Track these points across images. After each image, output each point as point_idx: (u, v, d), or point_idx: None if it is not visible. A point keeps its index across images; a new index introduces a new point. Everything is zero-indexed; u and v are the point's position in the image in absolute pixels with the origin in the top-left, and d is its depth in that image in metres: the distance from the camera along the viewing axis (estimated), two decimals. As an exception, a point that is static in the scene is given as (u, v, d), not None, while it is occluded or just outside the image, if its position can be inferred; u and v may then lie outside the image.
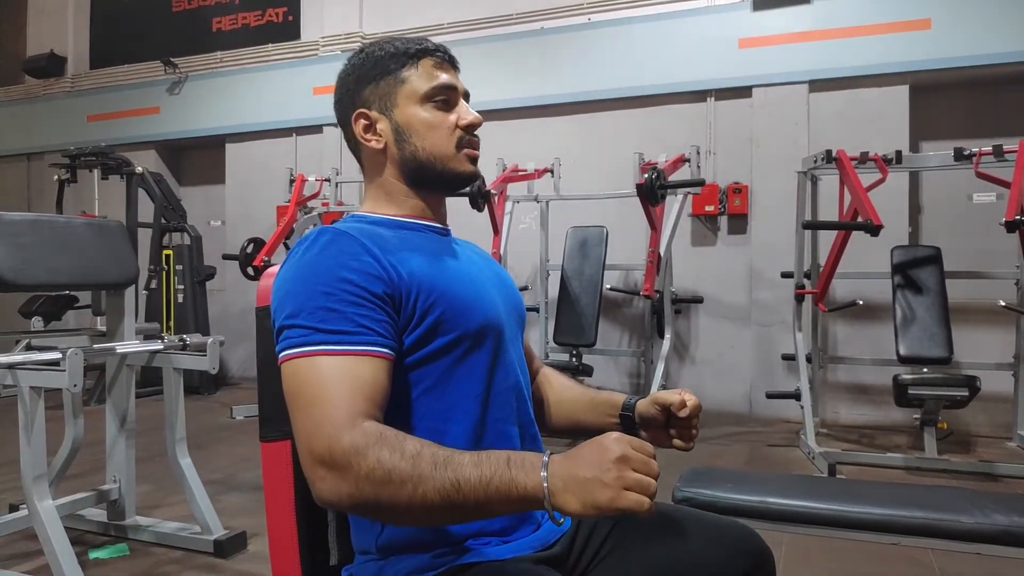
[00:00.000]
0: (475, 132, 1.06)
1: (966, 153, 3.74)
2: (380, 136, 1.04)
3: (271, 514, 1.02)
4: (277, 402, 1.02)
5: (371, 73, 1.03)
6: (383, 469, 0.79)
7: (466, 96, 1.07)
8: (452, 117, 1.04)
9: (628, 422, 1.15)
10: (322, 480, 0.82)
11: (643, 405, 1.13)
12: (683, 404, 1.08)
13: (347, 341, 0.87)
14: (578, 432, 1.22)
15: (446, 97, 1.04)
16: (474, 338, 0.98)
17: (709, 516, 1.14)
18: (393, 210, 1.06)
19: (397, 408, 0.94)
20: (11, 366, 2.19)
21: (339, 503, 0.83)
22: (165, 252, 6.03)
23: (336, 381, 0.84)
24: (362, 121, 1.04)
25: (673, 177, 4.48)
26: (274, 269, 1.04)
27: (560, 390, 1.24)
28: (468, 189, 3.85)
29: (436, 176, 1.05)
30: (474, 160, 1.06)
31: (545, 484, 0.77)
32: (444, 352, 0.96)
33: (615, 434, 0.80)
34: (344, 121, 1.08)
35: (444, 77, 1.04)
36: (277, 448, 1.01)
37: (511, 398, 1.03)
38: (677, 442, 1.10)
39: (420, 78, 1.02)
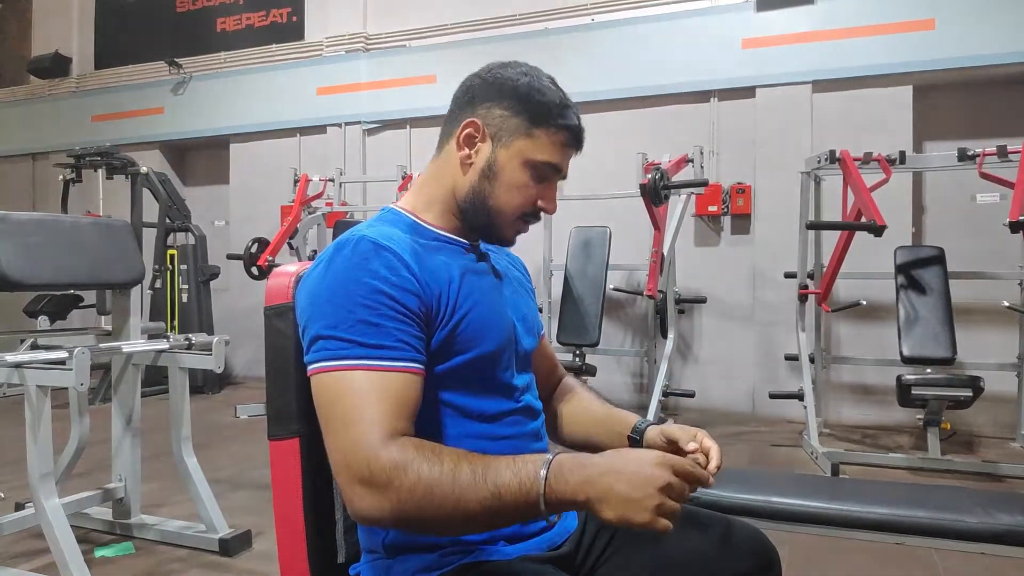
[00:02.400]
0: (539, 215, 1.06)
1: (970, 153, 3.74)
2: (473, 156, 1.02)
3: (279, 512, 1.03)
4: (285, 401, 1.03)
5: (514, 104, 1.00)
6: (424, 484, 0.80)
7: (563, 178, 1.07)
8: (536, 192, 1.03)
9: (636, 446, 1.13)
10: (362, 498, 0.82)
11: (652, 434, 1.11)
12: (691, 439, 1.04)
13: (386, 356, 0.87)
14: (589, 450, 1.21)
15: (547, 174, 1.03)
16: (489, 359, 0.99)
17: (715, 515, 1.14)
18: (431, 218, 1.06)
19: None
20: (18, 365, 2.20)
21: (380, 520, 0.83)
22: (169, 252, 6.05)
23: (374, 398, 0.85)
24: (470, 130, 1.01)
25: (676, 177, 4.48)
26: (284, 268, 1.05)
27: (576, 405, 1.22)
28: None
29: (481, 224, 1.04)
30: (517, 234, 1.07)
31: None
32: (459, 370, 0.97)
33: (658, 456, 0.81)
34: (457, 106, 1.05)
35: (560, 160, 1.03)
36: (286, 446, 1.02)
37: (520, 418, 1.04)
38: None
39: (544, 145, 1.01)
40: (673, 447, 1.05)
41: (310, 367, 0.89)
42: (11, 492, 3.00)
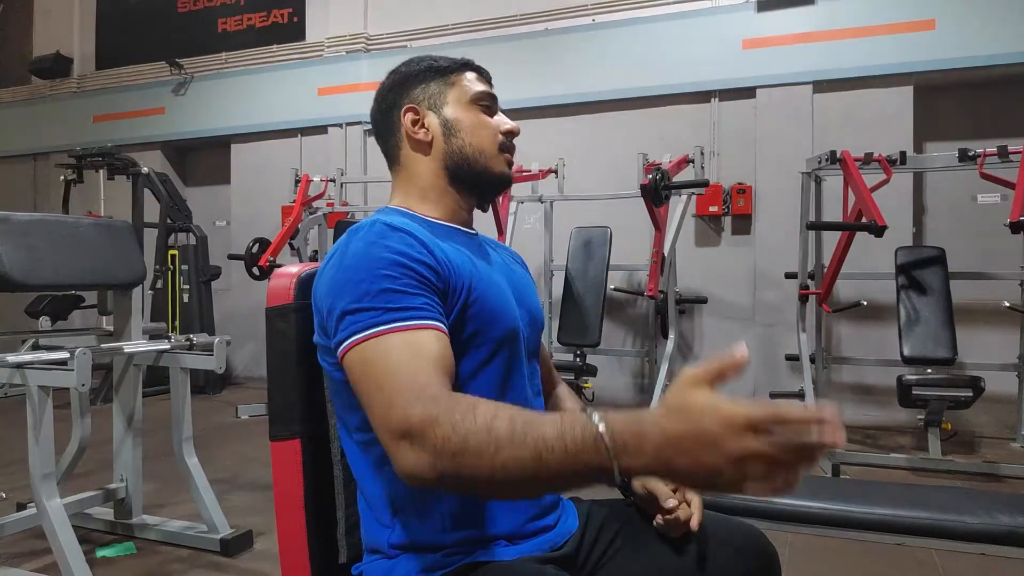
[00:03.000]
0: (512, 140, 1.12)
1: (971, 154, 3.73)
2: (428, 130, 1.08)
3: (280, 513, 1.03)
4: (287, 401, 1.03)
5: (422, 75, 1.10)
6: (458, 436, 0.75)
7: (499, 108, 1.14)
8: (495, 122, 1.10)
9: (624, 484, 1.14)
10: (404, 455, 0.78)
11: (637, 481, 1.11)
12: (670, 498, 1.06)
13: (414, 316, 0.87)
14: None
15: (489, 104, 1.11)
16: (495, 347, 0.99)
17: (715, 516, 1.14)
18: (426, 210, 1.08)
19: None
20: (19, 365, 2.21)
21: (423, 476, 0.78)
22: (171, 252, 6.06)
23: (407, 354, 0.84)
24: (411, 115, 1.08)
25: (677, 178, 4.48)
26: (286, 269, 1.06)
27: None
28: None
29: (476, 174, 1.08)
30: (510, 165, 1.12)
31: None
32: (465, 358, 0.97)
33: (724, 417, 0.63)
34: (385, 122, 1.12)
35: (487, 88, 1.12)
36: (286, 447, 1.02)
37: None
38: (660, 523, 1.07)
39: (467, 83, 1.10)
40: (654, 500, 1.07)
41: (341, 346, 0.87)
42: (13, 492, 3.00)
